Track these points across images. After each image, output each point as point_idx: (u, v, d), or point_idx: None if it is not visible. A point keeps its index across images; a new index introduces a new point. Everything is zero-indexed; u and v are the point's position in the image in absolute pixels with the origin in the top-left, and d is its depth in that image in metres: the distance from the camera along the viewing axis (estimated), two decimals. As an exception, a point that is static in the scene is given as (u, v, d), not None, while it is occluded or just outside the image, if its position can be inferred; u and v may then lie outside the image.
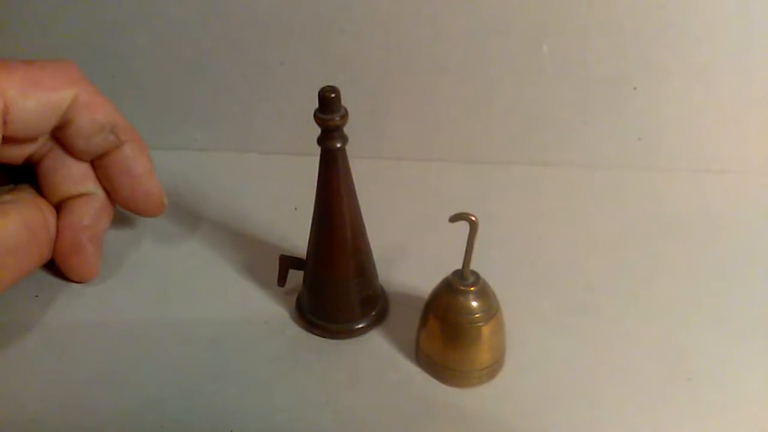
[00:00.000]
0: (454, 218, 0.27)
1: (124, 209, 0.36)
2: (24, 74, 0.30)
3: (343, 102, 0.29)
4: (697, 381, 0.31)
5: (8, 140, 0.30)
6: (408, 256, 0.38)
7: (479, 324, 0.29)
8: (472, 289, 0.29)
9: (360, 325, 0.33)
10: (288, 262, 0.34)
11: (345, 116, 0.29)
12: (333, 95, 0.28)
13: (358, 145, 0.46)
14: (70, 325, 0.34)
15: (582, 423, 0.29)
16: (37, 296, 0.35)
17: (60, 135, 0.33)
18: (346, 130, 0.30)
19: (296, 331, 0.33)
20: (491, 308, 0.29)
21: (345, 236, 0.31)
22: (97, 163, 0.34)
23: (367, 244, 0.33)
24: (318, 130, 0.30)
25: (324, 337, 0.33)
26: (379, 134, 0.47)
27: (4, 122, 0.29)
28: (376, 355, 0.32)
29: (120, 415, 0.29)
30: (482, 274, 0.29)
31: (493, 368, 0.31)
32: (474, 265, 0.29)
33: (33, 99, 0.30)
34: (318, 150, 0.30)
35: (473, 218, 0.27)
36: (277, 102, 0.47)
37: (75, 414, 0.29)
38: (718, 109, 0.44)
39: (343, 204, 0.30)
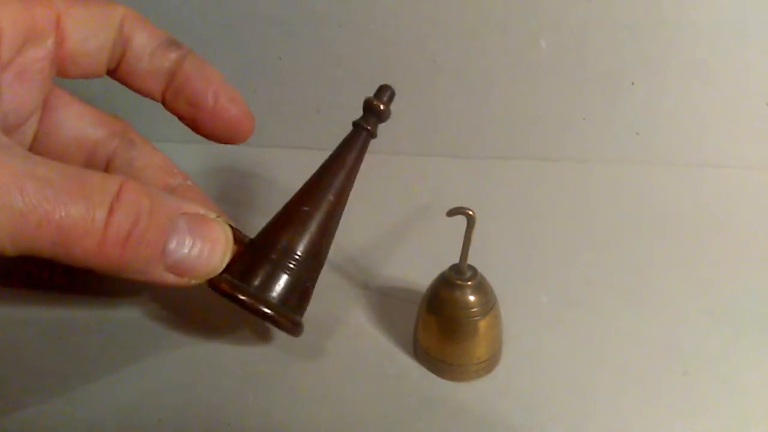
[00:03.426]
0: (452, 212, 0.27)
1: (213, 137, 0.31)
2: None
3: (342, 96, 0.29)
4: (693, 375, 0.31)
5: (68, 61, 0.28)
6: (405, 251, 0.38)
7: (476, 318, 0.29)
8: (469, 283, 0.29)
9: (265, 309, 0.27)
10: None
11: (388, 113, 0.31)
12: (392, 93, 0.31)
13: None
14: (68, 319, 0.34)
15: (578, 416, 0.29)
16: (36, 290, 0.35)
17: (123, 65, 0.30)
18: (343, 123, 0.30)
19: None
20: (488, 302, 0.29)
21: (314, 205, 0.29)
22: (171, 89, 0.30)
23: (329, 236, 0.30)
24: (315, 126, 0.29)
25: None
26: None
27: (62, 39, 0.27)
28: (374, 350, 0.32)
29: (118, 409, 0.29)
30: (479, 268, 0.30)
31: (490, 362, 0.31)
32: (471, 260, 0.29)
33: (85, 9, 0.28)
34: (316, 144, 0.30)
35: (471, 213, 0.27)
36: (275, 96, 0.47)
37: (74, 408, 0.29)
38: (716, 104, 0.44)
39: (336, 180, 0.30)
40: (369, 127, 0.30)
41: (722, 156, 0.45)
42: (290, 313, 0.28)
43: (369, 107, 0.30)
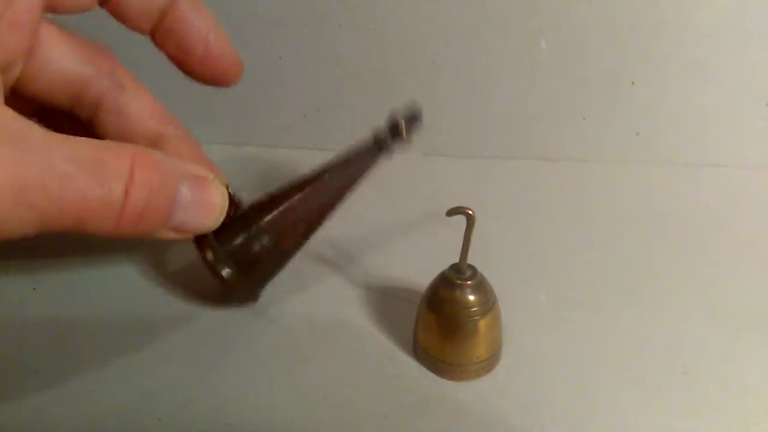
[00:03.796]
0: (452, 212, 0.27)
1: (200, 81, 0.32)
2: None
3: (342, 96, 0.30)
4: (693, 374, 0.31)
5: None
6: (405, 250, 0.38)
7: (476, 318, 0.29)
8: (469, 282, 0.29)
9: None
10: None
11: (403, 141, 0.32)
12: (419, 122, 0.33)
13: (357, 139, 0.46)
14: (68, 318, 0.34)
15: (578, 416, 0.29)
16: (34, 289, 0.35)
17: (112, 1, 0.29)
18: (343, 123, 0.30)
19: (294, 324, 0.34)
20: (488, 302, 0.29)
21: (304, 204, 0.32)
22: (161, 29, 0.30)
23: (312, 229, 0.32)
24: (315, 126, 0.30)
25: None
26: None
27: None
28: (374, 349, 0.32)
29: (118, 408, 0.29)
30: (479, 268, 0.30)
31: (490, 362, 0.31)
32: (471, 259, 0.29)
33: None
34: (316, 143, 0.30)
35: (470, 212, 0.27)
36: (275, 95, 0.47)
37: (73, 407, 0.29)
38: (716, 104, 0.44)
39: (335, 183, 0.32)
40: (385, 144, 0.32)
41: (722, 156, 0.46)
42: (255, 288, 0.32)
43: (392, 127, 0.32)
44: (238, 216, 0.31)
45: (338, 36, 0.44)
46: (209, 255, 0.30)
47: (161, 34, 0.30)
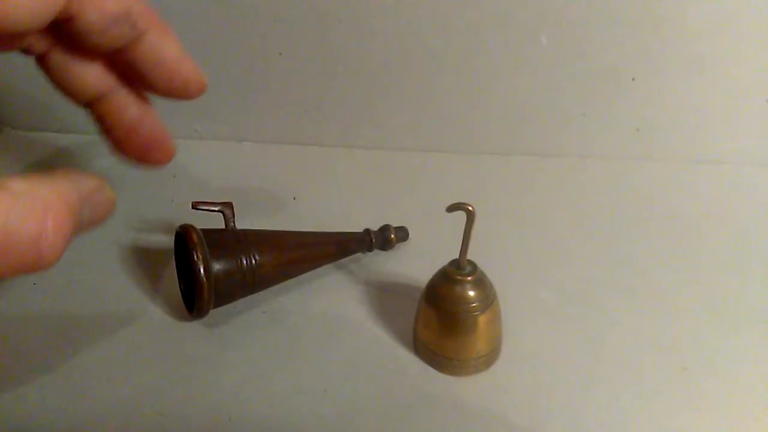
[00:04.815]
0: (452, 208, 0.27)
1: (161, 94, 0.30)
2: None
3: (342, 93, 0.29)
4: (693, 370, 0.31)
5: None
6: (405, 246, 0.38)
7: (476, 313, 0.29)
8: (468, 278, 0.29)
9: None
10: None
11: (391, 246, 0.37)
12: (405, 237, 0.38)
13: (357, 135, 0.46)
14: (68, 314, 0.34)
15: (577, 412, 0.29)
16: (34, 284, 0.35)
17: (67, 33, 0.27)
18: (343, 119, 0.30)
19: (295, 319, 0.34)
20: (488, 298, 0.29)
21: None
22: (120, 58, 0.29)
23: (284, 277, 0.35)
24: (315, 122, 0.30)
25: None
26: (378, 125, 0.47)
27: None
28: (374, 345, 0.32)
29: (119, 403, 0.29)
30: (479, 263, 0.30)
31: (490, 357, 0.31)
32: (471, 255, 0.29)
33: None
34: (317, 139, 0.30)
35: (470, 208, 0.27)
36: (276, 92, 0.47)
37: (75, 402, 0.29)
38: (716, 100, 0.44)
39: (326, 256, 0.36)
40: (372, 245, 0.36)
41: (722, 152, 0.46)
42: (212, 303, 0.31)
43: (383, 231, 0.36)
44: (233, 238, 0.32)
45: (338, 32, 0.44)
46: (203, 282, 0.30)
47: (121, 70, 0.29)
